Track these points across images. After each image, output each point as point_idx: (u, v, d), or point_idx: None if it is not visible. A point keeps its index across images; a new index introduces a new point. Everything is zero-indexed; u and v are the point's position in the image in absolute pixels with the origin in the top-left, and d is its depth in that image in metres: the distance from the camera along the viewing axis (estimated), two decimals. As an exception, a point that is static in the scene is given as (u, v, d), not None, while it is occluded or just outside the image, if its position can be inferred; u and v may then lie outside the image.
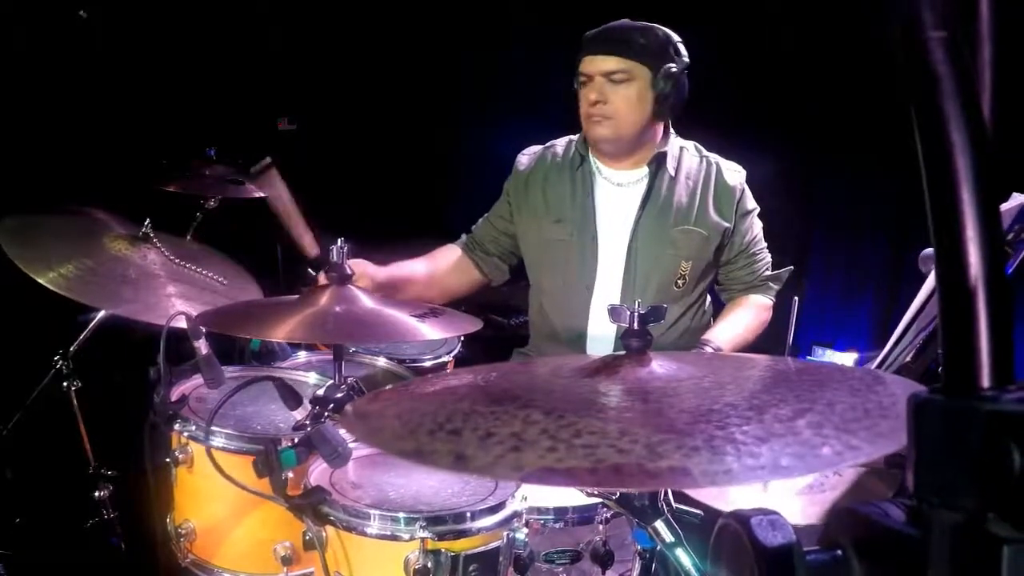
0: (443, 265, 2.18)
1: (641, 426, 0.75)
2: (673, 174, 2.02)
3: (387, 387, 1.06)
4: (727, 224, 2.03)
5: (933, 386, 0.40)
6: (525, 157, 2.17)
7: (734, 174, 2.07)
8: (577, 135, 2.09)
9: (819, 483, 1.34)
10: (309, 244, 1.98)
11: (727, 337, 1.99)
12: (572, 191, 2.06)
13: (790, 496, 1.32)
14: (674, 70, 1.91)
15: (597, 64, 1.92)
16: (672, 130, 2.08)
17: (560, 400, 0.86)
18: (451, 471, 1.11)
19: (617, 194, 2.05)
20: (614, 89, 1.91)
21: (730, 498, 1.32)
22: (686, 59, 1.95)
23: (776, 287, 2.14)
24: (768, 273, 2.12)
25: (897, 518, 0.45)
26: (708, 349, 1.94)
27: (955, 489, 0.38)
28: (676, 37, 1.96)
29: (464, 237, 2.23)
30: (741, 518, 0.45)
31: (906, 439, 0.41)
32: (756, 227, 2.10)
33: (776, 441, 0.70)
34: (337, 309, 1.45)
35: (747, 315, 2.08)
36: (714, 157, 2.08)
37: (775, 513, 0.46)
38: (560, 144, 2.15)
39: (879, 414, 0.77)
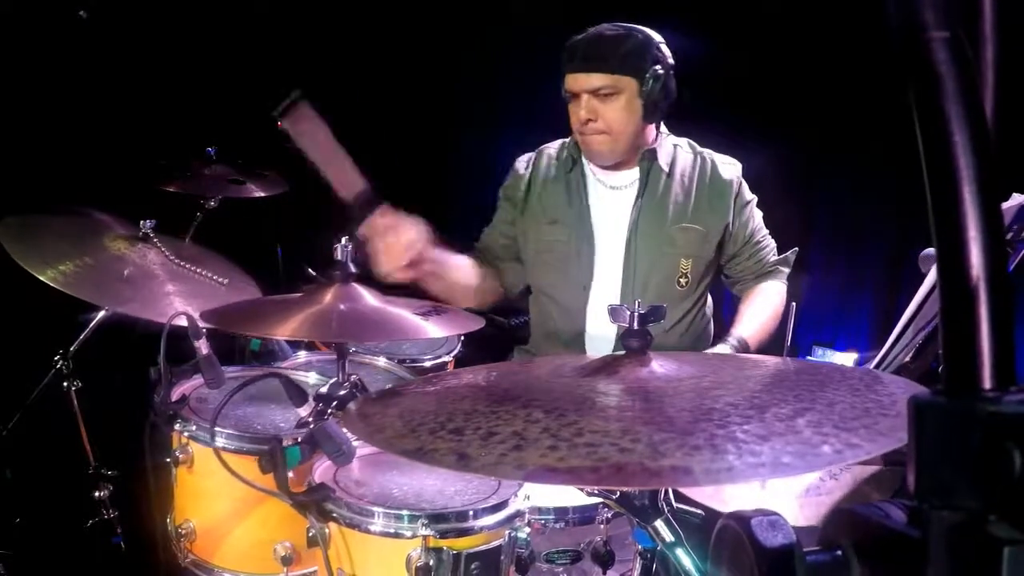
0: (476, 272, 2.06)
1: (643, 425, 0.75)
2: (667, 171, 2.02)
3: (387, 387, 1.06)
4: (726, 219, 2.03)
5: (934, 387, 0.40)
6: (521, 163, 2.17)
7: (729, 168, 2.06)
8: (568, 138, 2.09)
9: (816, 487, 1.34)
10: (352, 183, 1.70)
11: (750, 330, 1.97)
12: (567, 193, 2.06)
13: (788, 499, 1.32)
14: (660, 73, 1.90)
15: (581, 82, 1.90)
16: (664, 128, 2.08)
17: (561, 399, 0.86)
18: (454, 470, 1.12)
19: (612, 196, 2.05)
20: (603, 104, 1.90)
21: (729, 499, 1.32)
22: (670, 59, 1.94)
23: (786, 270, 2.13)
24: (775, 258, 2.12)
25: (897, 519, 0.45)
26: (732, 341, 1.93)
27: (956, 490, 0.38)
28: (657, 37, 1.94)
29: (473, 252, 2.12)
30: (741, 519, 0.45)
31: (906, 438, 0.41)
32: (756, 217, 2.10)
33: (777, 439, 0.70)
34: (341, 307, 1.46)
35: (766, 305, 2.07)
36: (708, 152, 2.08)
37: (775, 514, 0.46)
38: (552, 147, 2.14)
39: (878, 412, 0.77)
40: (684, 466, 0.66)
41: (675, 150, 2.06)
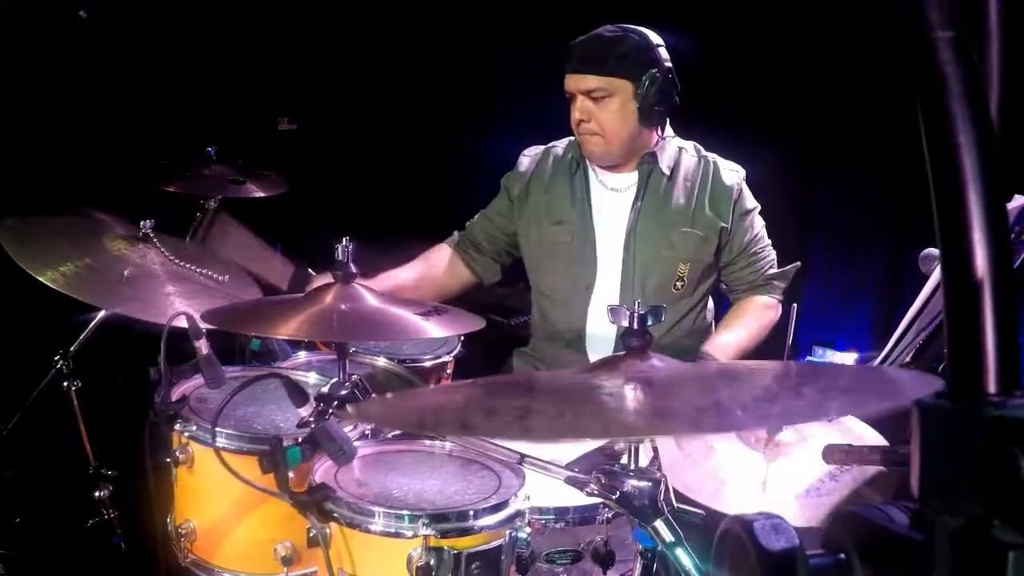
0: (433, 268, 2.17)
1: (648, 401, 0.75)
2: (668, 174, 2.02)
3: (389, 395, 1.06)
4: (723, 224, 2.02)
5: (938, 390, 0.40)
6: (527, 158, 2.16)
7: (731, 173, 2.05)
8: (574, 137, 2.09)
9: (816, 487, 1.34)
10: (279, 279, 1.91)
11: (726, 348, 1.96)
12: (571, 193, 2.06)
13: (789, 499, 1.32)
14: (656, 76, 1.89)
15: (576, 83, 1.91)
16: (670, 131, 2.08)
17: (562, 391, 0.86)
18: (459, 435, 1.11)
19: (612, 198, 2.05)
20: (596, 107, 1.91)
21: (729, 499, 1.32)
22: (667, 62, 1.93)
23: (782, 285, 2.12)
24: (772, 271, 2.11)
25: (900, 522, 0.45)
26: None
27: (960, 494, 0.38)
28: (655, 40, 1.93)
29: (456, 235, 2.22)
30: (744, 522, 0.45)
31: (911, 443, 0.40)
32: (757, 226, 2.09)
33: (784, 400, 0.70)
34: (342, 307, 1.46)
35: (748, 321, 2.05)
36: (712, 157, 2.07)
37: (778, 517, 0.45)
38: (560, 145, 2.14)
39: (880, 382, 0.78)
40: (692, 417, 0.66)
41: (679, 153, 2.05)
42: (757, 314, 2.08)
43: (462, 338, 2.29)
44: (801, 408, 0.66)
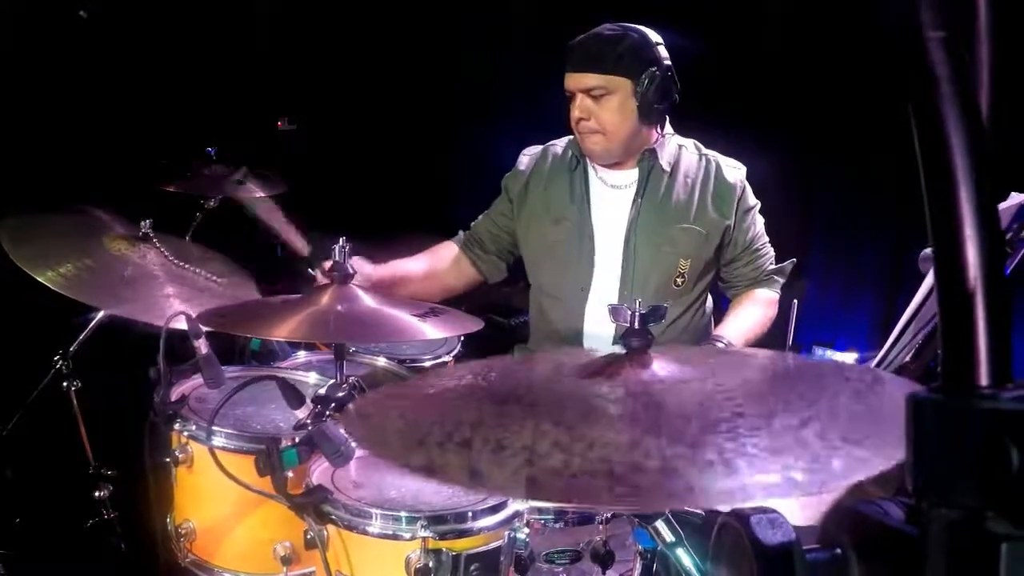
0: (441, 263, 2.18)
1: (653, 436, 0.75)
2: (669, 171, 2.02)
3: (384, 387, 1.06)
4: (727, 222, 2.03)
5: (931, 385, 0.40)
6: (526, 157, 2.17)
7: (734, 171, 2.07)
8: (573, 136, 2.09)
9: (818, 484, 1.34)
10: (300, 245, 1.99)
11: (737, 332, 1.99)
12: (570, 192, 2.07)
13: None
14: (655, 74, 1.90)
15: (576, 81, 1.92)
16: (670, 129, 2.08)
17: (566, 406, 0.85)
18: (466, 488, 1.11)
19: (612, 195, 2.05)
20: (596, 104, 1.92)
21: (730, 498, 1.31)
22: (667, 60, 1.94)
23: (781, 280, 2.14)
24: (772, 267, 2.12)
25: (896, 516, 0.45)
26: (720, 345, 1.94)
27: (953, 487, 0.38)
28: (654, 38, 1.94)
29: (462, 234, 2.23)
30: (741, 516, 0.45)
31: (905, 437, 0.41)
32: (758, 223, 2.11)
33: (787, 454, 0.70)
34: (339, 308, 1.46)
35: (755, 309, 2.08)
36: (713, 155, 2.08)
37: (775, 511, 0.46)
38: (560, 144, 2.15)
39: (883, 421, 0.77)
40: (700, 487, 0.66)
41: (679, 151, 2.06)
42: (762, 304, 2.10)
43: (462, 338, 2.29)
44: (804, 470, 0.67)
